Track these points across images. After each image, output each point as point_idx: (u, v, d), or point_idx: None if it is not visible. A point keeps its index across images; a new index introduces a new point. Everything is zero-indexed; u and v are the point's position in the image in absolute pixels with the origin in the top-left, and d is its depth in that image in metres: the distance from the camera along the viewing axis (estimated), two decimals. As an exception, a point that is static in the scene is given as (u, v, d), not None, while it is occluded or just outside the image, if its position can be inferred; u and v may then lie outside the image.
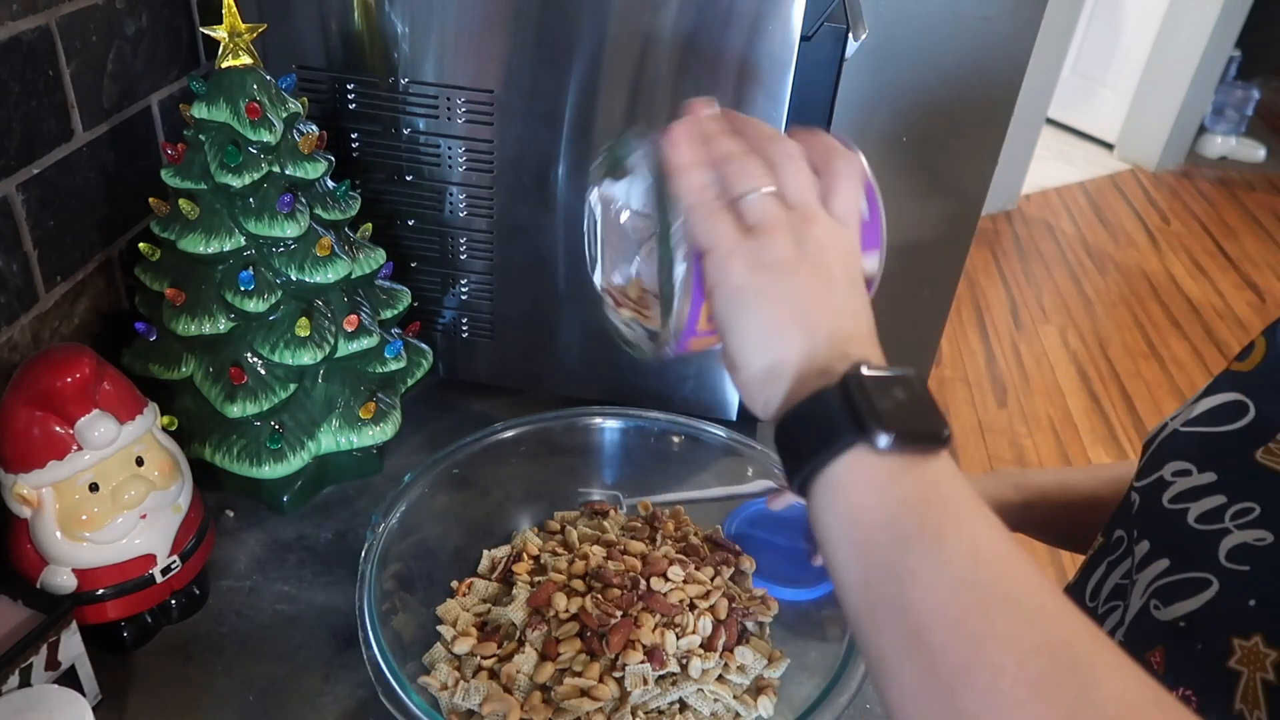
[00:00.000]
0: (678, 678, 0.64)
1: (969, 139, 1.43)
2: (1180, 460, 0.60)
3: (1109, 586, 0.64)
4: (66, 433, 0.60)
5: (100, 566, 0.63)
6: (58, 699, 0.52)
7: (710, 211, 0.45)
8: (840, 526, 0.40)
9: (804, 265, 0.44)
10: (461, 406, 0.93)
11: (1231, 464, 0.56)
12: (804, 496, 0.42)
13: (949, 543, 0.37)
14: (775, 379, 0.43)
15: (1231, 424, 0.58)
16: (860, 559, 0.39)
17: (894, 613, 0.37)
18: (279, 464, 0.75)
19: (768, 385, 0.44)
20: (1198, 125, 4.22)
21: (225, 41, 0.69)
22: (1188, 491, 0.58)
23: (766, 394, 0.44)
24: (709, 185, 0.46)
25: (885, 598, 0.38)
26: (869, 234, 0.49)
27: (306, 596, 0.72)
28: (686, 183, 0.46)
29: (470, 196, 0.83)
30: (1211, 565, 0.54)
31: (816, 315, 0.44)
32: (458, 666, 0.66)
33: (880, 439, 0.38)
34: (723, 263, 0.44)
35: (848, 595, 0.40)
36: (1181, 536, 0.56)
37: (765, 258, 0.44)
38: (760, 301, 0.44)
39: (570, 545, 0.74)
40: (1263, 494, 0.54)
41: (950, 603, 0.36)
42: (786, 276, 0.44)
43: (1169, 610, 0.55)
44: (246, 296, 0.72)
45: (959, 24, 1.32)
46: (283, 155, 0.73)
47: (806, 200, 0.46)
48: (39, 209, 0.72)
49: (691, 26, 0.72)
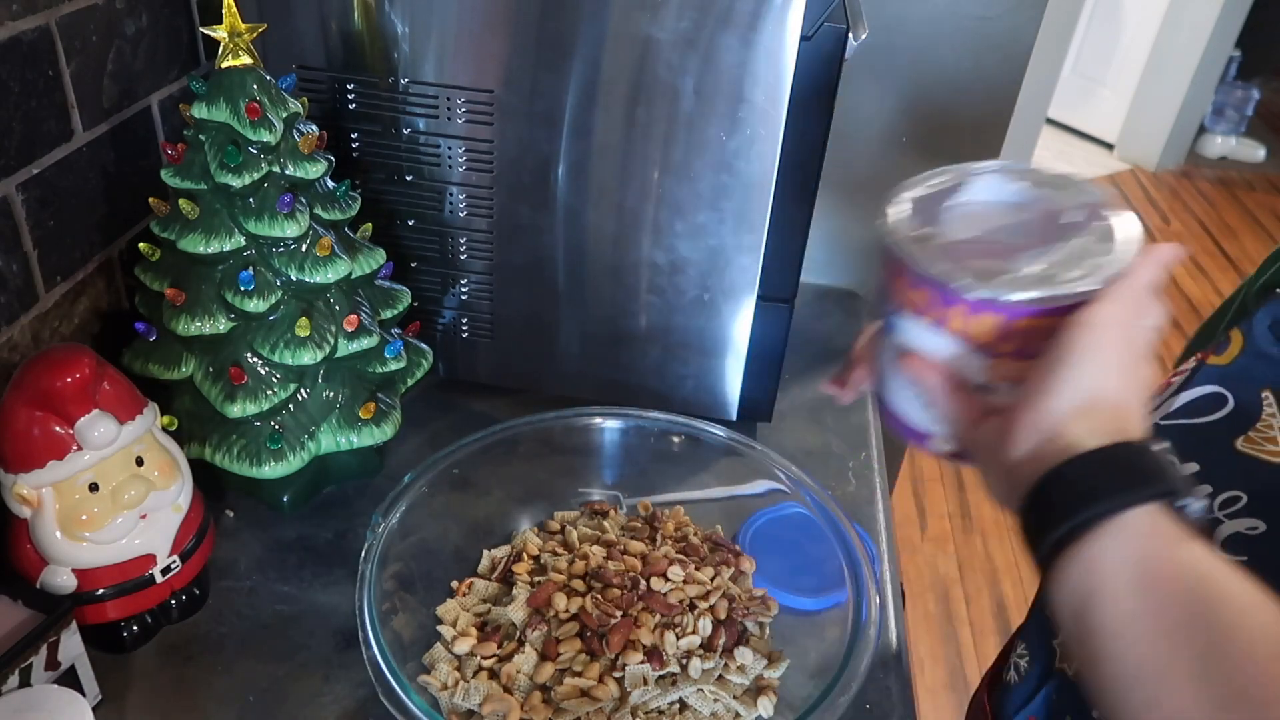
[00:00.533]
0: (678, 678, 0.64)
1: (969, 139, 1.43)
2: None
3: None
4: (66, 433, 0.60)
5: (100, 566, 0.63)
6: (58, 699, 0.52)
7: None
8: (1134, 575, 0.40)
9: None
10: (461, 406, 0.93)
11: (1214, 454, 0.57)
12: (1066, 542, 0.41)
13: (1248, 597, 0.39)
14: (1088, 415, 0.43)
15: (1211, 415, 0.59)
16: (1158, 609, 0.39)
17: (1209, 664, 0.38)
18: (279, 464, 0.75)
19: (1077, 420, 0.43)
20: (1198, 125, 4.21)
21: (225, 41, 0.69)
22: None
23: (1065, 429, 0.43)
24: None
25: (1196, 648, 0.38)
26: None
27: (306, 596, 0.72)
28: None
29: (470, 196, 0.83)
30: None
31: (1139, 364, 0.44)
32: (458, 666, 0.66)
33: (1191, 503, 0.40)
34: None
35: (1133, 647, 0.40)
36: None
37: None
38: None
39: (570, 545, 0.74)
40: (1247, 481, 0.54)
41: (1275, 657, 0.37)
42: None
43: None
44: (246, 296, 0.72)
45: (959, 24, 1.32)
46: (283, 155, 0.73)
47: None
48: (39, 209, 0.72)
49: (691, 26, 0.72)
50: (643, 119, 0.77)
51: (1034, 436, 0.44)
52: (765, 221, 0.80)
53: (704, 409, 0.90)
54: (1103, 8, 4.06)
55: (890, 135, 1.41)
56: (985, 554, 2.22)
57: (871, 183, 1.55)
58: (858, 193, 1.47)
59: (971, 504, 2.36)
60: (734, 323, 0.85)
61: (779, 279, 0.84)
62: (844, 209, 1.46)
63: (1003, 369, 0.47)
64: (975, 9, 1.30)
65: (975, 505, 2.36)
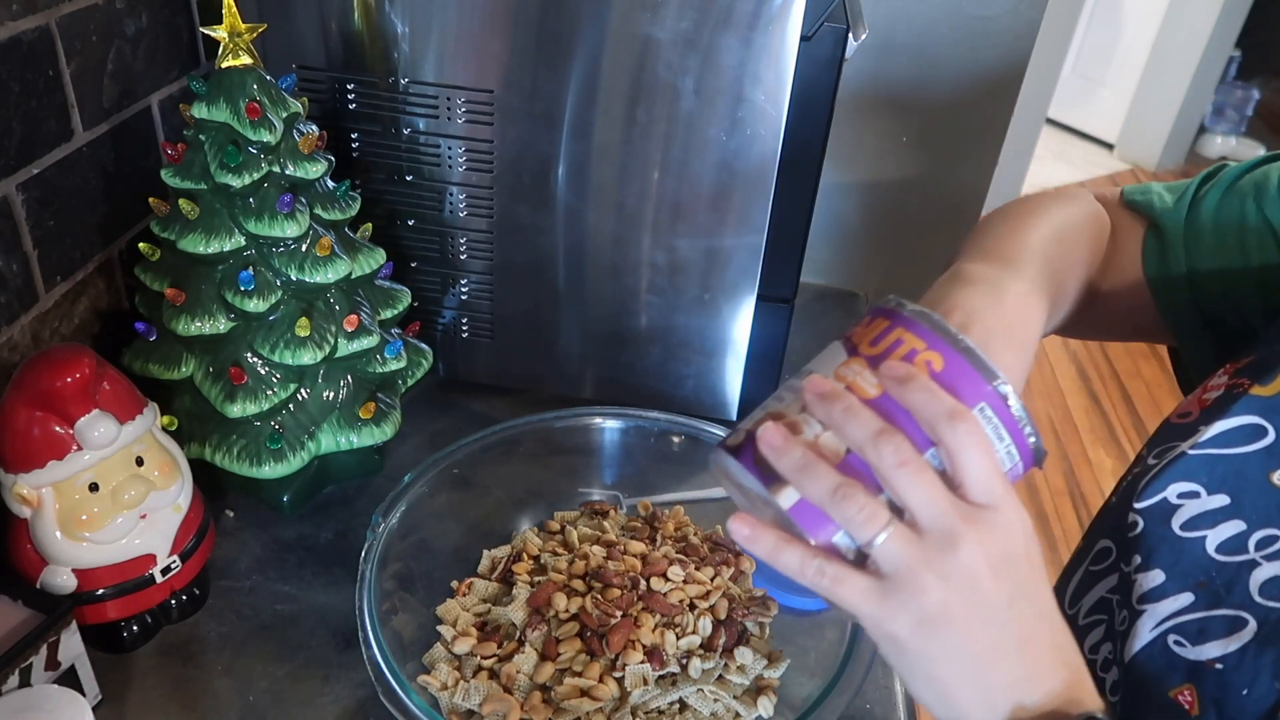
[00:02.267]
0: (678, 678, 0.64)
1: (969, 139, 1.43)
2: (1186, 481, 0.56)
3: (1091, 599, 0.61)
4: (66, 433, 0.60)
5: (100, 566, 0.63)
6: (58, 699, 0.52)
7: (832, 579, 0.41)
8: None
9: (957, 610, 0.40)
10: (461, 406, 0.93)
11: (1247, 487, 0.53)
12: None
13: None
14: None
15: (1247, 446, 0.55)
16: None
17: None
18: (279, 464, 0.75)
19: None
20: (1198, 125, 4.21)
21: (225, 41, 0.69)
22: (1201, 516, 0.55)
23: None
24: (814, 561, 0.41)
25: None
26: (1023, 455, 0.43)
27: (306, 596, 0.72)
28: (786, 565, 0.42)
29: (470, 196, 0.83)
30: (1244, 602, 0.51)
31: (987, 673, 0.41)
32: (458, 666, 0.66)
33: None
34: (872, 627, 0.41)
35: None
36: (1203, 568, 0.53)
37: (913, 613, 0.40)
38: (922, 663, 0.41)
39: (570, 545, 0.74)
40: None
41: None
42: (940, 630, 0.40)
43: (1199, 650, 0.52)
44: (246, 296, 0.72)
45: (959, 24, 1.32)
46: (283, 155, 0.73)
47: (940, 517, 0.40)
48: (39, 209, 0.72)
49: (691, 26, 0.72)
50: (643, 119, 0.77)
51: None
52: (765, 221, 0.80)
53: (704, 409, 0.90)
54: (1103, 8, 4.06)
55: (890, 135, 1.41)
56: (985, 554, 2.22)
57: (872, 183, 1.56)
58: (858, 193, 1.47)
59: (971, 504, 2.36)
60: (734, 323, 0.85)
61: (779, 279, 0.84)
62: (844, 209, 1.46)
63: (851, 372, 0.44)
64: (975, 9, 1.30)
65: (975, 505, 2.36)
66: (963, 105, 1.39)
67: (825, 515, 0.41)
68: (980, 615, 0.40)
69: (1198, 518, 0.55)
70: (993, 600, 0.40)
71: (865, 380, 0.43)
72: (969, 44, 1.33)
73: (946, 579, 0.39)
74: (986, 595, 0.40)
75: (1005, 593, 0.40)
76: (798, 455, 0.42)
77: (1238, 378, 0.58)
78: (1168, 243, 0.66)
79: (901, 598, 0.40)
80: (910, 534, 0.40)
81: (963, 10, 1.30)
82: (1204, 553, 0.53)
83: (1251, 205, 0.63)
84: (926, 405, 0.40)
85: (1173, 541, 0.55)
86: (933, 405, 0.40)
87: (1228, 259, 0.63)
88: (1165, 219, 0.66)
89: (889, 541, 0.40)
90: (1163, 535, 0.56)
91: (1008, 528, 0.41)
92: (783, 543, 0.42)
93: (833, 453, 0.42)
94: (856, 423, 0.41)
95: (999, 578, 0.40)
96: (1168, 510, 0.56)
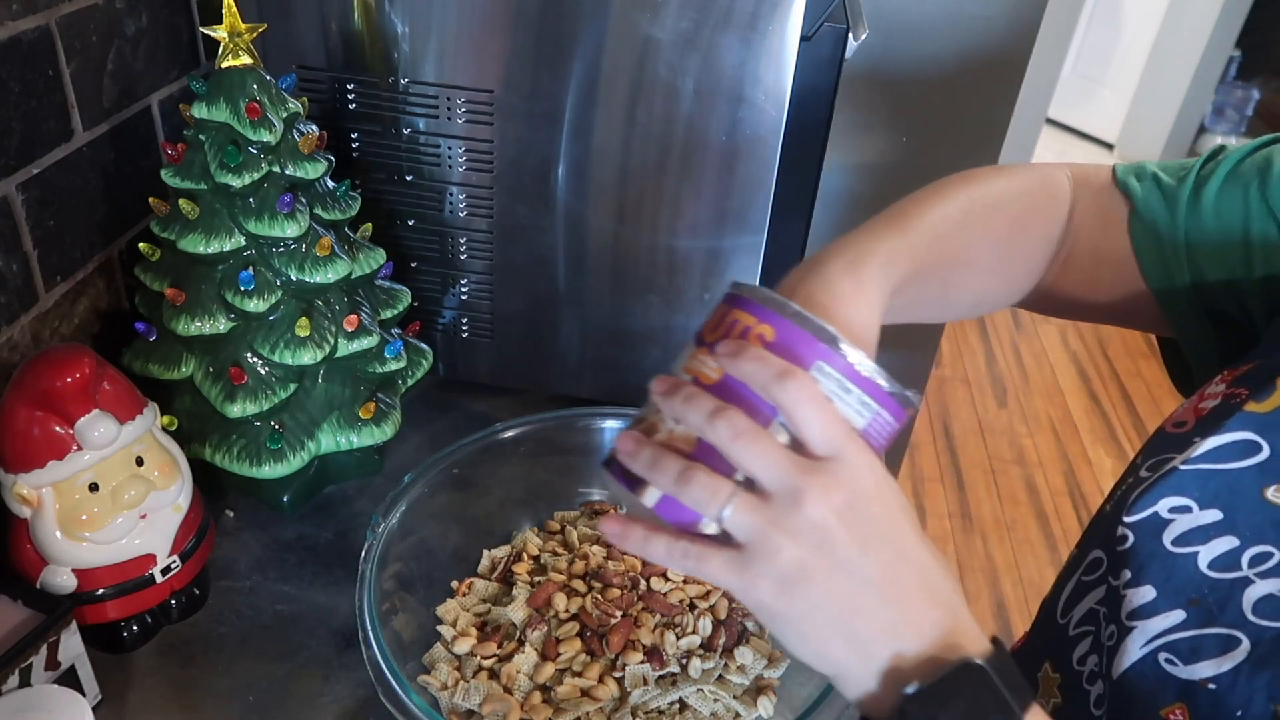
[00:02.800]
0: (678, 678, 0.64)
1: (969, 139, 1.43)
2: (1177, 496, 0.55)
3: (1082, 610, 0.60)
4: (66, 433, 0.60)
5: (100, 566, 0.63)
6: (58, 699, 0.52)
7: (696, 559, 0.41)
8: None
9: (813, 564, 0.40)
10: (461, 406, 0.93)
11: (1240, 502, 0.52)
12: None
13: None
14: (847, 687, 0.42)
15: (1240, 461, 0.54)
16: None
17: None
18: (279, 464, 0.75)
19: (846, 689, 0.42)
20: (1198, 125, 4.21)
21: (225, 41, 0.69)
22: (1194, 532, 0.54)
23: (851, 692, 0.42)
24: (679, 545, 0.42)
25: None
26: (882, 404, 0.43)
27: (306, 596, 0.72)
28: (654, 555, 0.42)
29: (470, 196, 0.83)
30: (1238, 620, 0.50)
31: (855, 624, 0.41)
32: (458, 666, 0.66)
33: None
34: (741, 597, 0.41)
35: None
36: (1195, 585, 0.53)
37: (772, 576, 0.40)
38: (793, 624, 0.41)
39: (570, 545, 0.74)
40: (1279, 535, 0.51)
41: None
42: (801, 587, 0.40)
43: (1191, 669, 0.51)
44: (246, 296, 0.72)
45: (959, 24, 1.32)
46: (283, 155, 0.73)
47: (781, 477, 0.40)
48: (39, 209, 0.72)
49: (691, 26, 0.72)
50: (643, 119, 0.77)
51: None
52: (765, 221, 0.80)
53: (704, 409, 0.90)
54: (1103, 8, 4.06)
55: (890, 135, 1.41)
56: (985, 554, 2.22)
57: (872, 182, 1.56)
58: (858, 192, 1.47)
59: (971, 504, 2.36)
60: (734, 323, 0.85)
61: (779, 279, 0.84)
62: (844, 209, 1.46)
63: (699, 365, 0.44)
64: (975, 9, 1.30)
65: (975, 505, 2.36)
66: (963, 105, 1.39)
67: (682, 503, 0.43)
68: (837, 566, 0.40)
69: (1190, 533, 0.54)
70: (846, 549, 0.40)
71: (708, 366, 0.44)
72: (969, 44, 1.33)
73: (796, 535, 0.40)
74: (839, 545, 0.40)
75: (858, 538, 0.40)
76: (647, 454, 0.43)
77: (1235, 387, 0.57)
78: (1163, 233, 0.65)
79: (758, 563, 0.40)
80: (755, 500, 0.41)
81: (963, 10, 1.30)
82: (1196, 569, 0.53)
83: (1255, 192, 0.62)
84: (757, 373, 0.41)
85: (1164, 557, 0.54)
86: (763, 371, 0.41)
87: (1229, 248, 0.63)
88: (1160, 206, 0.65)
89: (736, 512, 0.40)
90: (1154, 551, 0.55)
91: (850, 475, 0.41)
92: (649, 534, 0.43)
93: (688, 444, 0.43)
94: (693, 408, 0.42)
95: (848, 525, 0.40)
96: (1159, 525, 0.55)
